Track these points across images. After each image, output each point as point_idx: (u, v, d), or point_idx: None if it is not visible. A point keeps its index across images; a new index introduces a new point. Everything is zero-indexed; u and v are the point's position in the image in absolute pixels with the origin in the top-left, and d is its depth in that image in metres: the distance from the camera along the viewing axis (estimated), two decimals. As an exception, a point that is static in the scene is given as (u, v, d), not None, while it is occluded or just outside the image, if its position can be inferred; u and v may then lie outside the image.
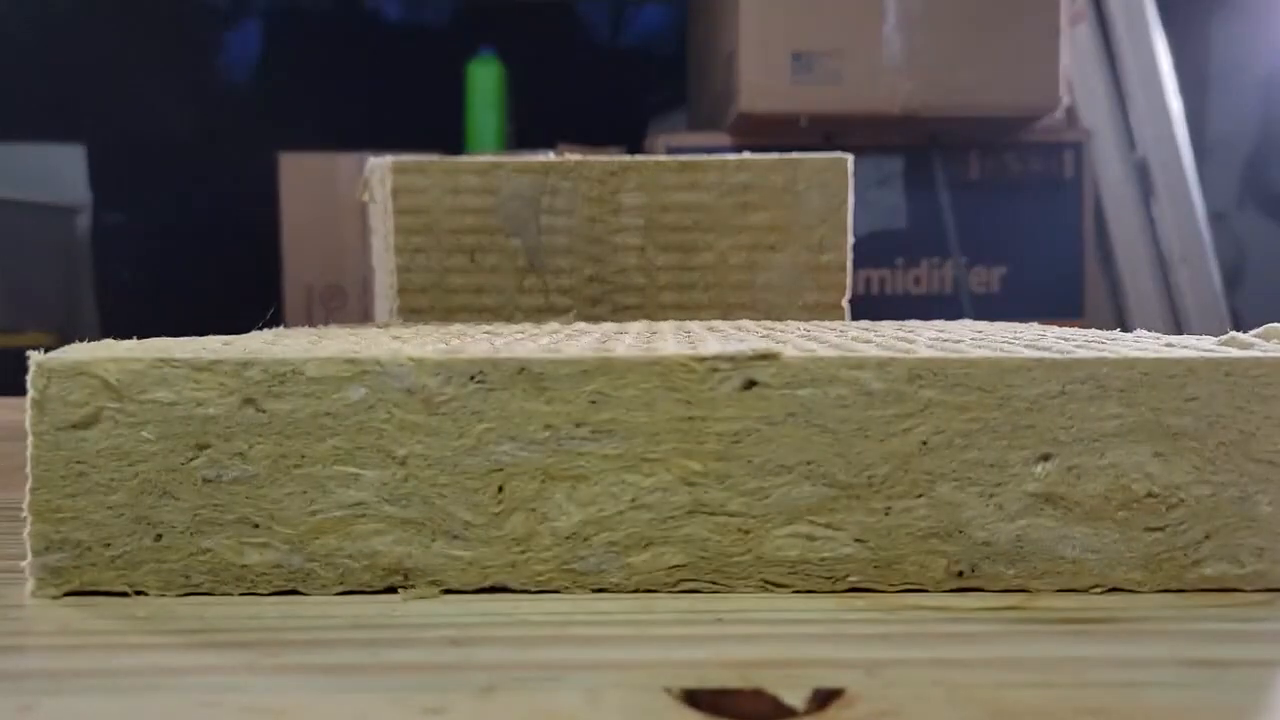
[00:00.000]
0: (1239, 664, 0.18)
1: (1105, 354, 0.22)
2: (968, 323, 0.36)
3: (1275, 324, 0.25)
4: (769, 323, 0.43)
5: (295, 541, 0.22)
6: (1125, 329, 0.31)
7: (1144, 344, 0.25)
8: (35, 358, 0.22)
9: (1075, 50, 1.19)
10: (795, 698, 0.17)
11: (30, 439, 0.22)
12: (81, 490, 0.22)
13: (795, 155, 0.52)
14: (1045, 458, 0.22)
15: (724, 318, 0.51)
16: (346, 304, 1.28)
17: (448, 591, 0.22)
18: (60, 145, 1.43)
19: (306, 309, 1.27)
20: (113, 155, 1.44)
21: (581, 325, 0.41)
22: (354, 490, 0.22)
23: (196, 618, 0.21)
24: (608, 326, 0.39)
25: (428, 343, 0.26)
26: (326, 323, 0.41)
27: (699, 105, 1.33)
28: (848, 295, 0.52)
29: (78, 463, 0.22)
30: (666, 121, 1.35)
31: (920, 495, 0.22)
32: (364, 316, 1.19)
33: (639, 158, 0.52)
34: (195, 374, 0.22)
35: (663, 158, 0.52)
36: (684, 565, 0.22)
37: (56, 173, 1.43)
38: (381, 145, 0.60)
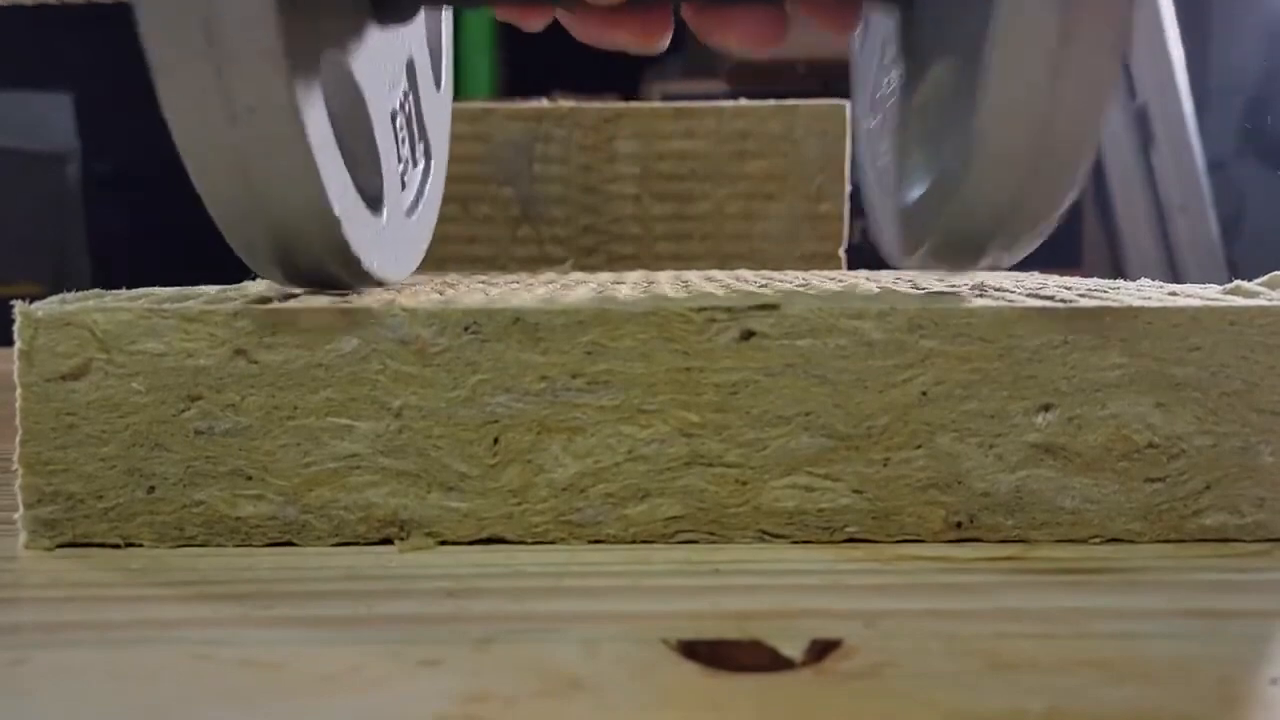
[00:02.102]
0: (1238, 614, 0.18)
1: (1108, 303, 0.22)
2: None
3: (1280, 272, 0.24)
4: (767, 272, 0.43)
5: (289, 494, 0.22)
6: (1123, 278, 0.30)
7: (1147, 293, 0.24)
8: (20, 308, 0.21)
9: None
10: (793, 648, 0.17)
11: (19, 391, 0.21)
12: (72, 442, 0.21)
13: (793, 102, 0.51)
14: (1046, 408, 0.22)
15: (720, 268, 0.50)
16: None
17: (443, 543, 0.22)
18: (46, 93, 1.41)
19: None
20: (100, 102, 1.42)
21: (577, 275, 0.41)
22: (348, 442, 0.22)
23: (190, 569, 0.21)
24: (604, 276, 0.39)
25: (421, 293, 0.25)
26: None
27: (695, 51, 1.32)
28: (844, 245, 0.52)
29: (68, 415, 0.21)
30: (662, 68, 1.34)
31: (919, 446, 0.22)
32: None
33: (634, 104, 0.51)
34: (185, 324, 0.21)
35: (658, 104, 0.51)
36: (681, 516, 0.22)
37: (43, 120, 1.41)
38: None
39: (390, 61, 0.29)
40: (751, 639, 0.17)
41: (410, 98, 0.31)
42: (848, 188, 0.52)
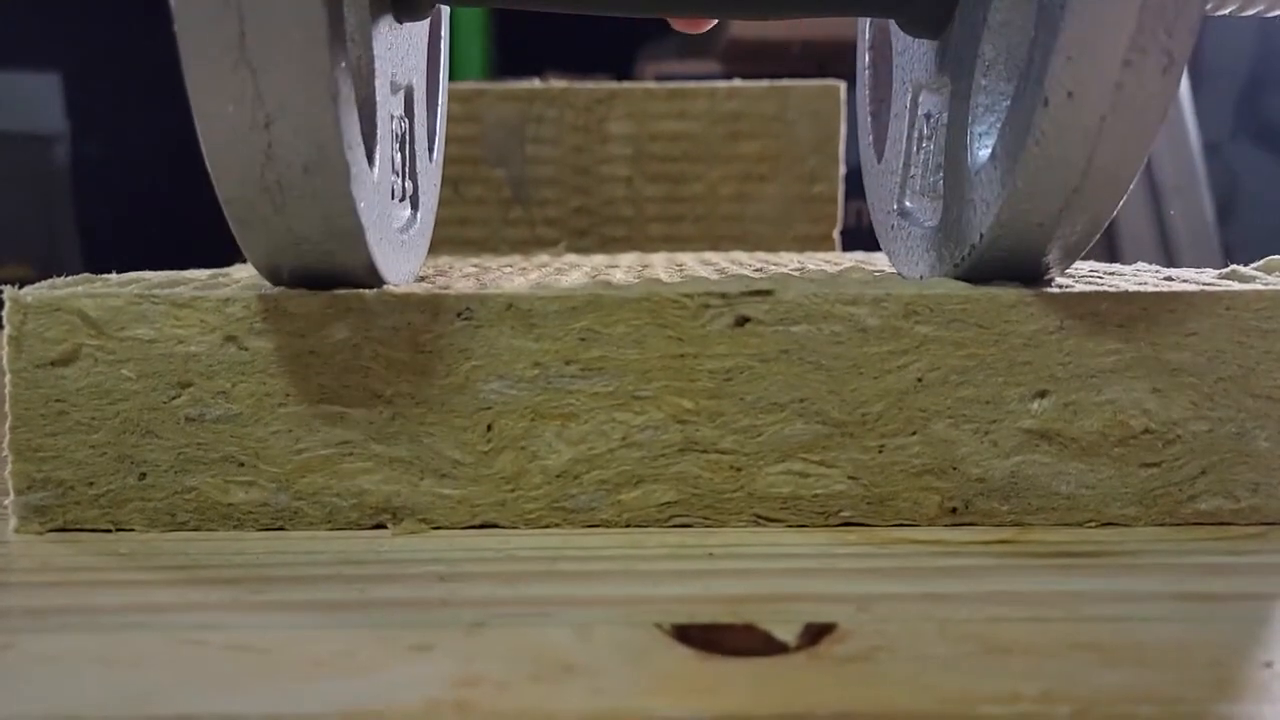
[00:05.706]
0: (1232, 597, 0.18)
1: (1104, 288, 0.22)
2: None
3: (1276, 256, 0.24)
4: (762, 254, 0.43)
5: (281, 480, 0.22)
6: (1117, 259, 0.30)
7: (1143, 278, 0.24)
8: (9, 293, 0.21)
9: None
10: (787, 633, 0.17)
11: (8, 376, 0.21)
12: (62, 429, 0.21)
13: (786, 83, 0.51)
14: (1041, 394, 0.22)
15: (714, 249, 0.50)
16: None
17: (436, 528, 0.22)
18: (34, 73, 1.40)
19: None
20: (90, 83, 1.41)
21: (571, 258, 0.41)
22: (340, 429, 0.22)
23: (181, 554, 0.21)
24: (598, 259, 0.38)
25: (413, 278, 0.25)
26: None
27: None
28: (839, 227, 0.52)
29: (57, 401, 0.21)
30: (655, 48, 1.33)
31: (914, 432, 0.22)
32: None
33: (627, 85, 0.51)
34: (176, 311, 0.21)
35: (651, 85, 0.51)
36: (675, 502, 0.22)
37: (31, 101, 1.40)
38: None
39: (393, 68, 0.26)
40: (745, 623, 0.17)
41: (404, 130, 0.28)
42: (842, 169, 0.51)
